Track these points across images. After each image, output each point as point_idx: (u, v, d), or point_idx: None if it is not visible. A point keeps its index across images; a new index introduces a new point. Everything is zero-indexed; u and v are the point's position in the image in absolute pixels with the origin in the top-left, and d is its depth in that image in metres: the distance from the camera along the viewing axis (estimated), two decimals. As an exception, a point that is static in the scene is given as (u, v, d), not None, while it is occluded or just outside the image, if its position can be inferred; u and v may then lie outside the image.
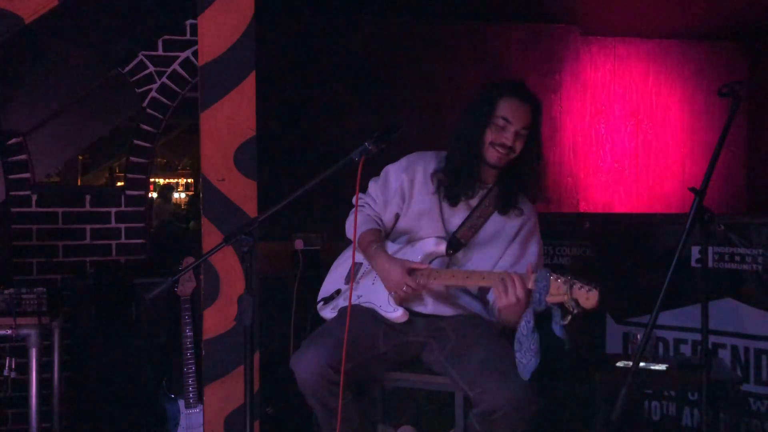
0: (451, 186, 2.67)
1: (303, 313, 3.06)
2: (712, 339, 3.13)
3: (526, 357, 2.32)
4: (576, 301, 2.21)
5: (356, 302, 2.72)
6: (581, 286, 2.21)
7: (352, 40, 4.82)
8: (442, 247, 2.65)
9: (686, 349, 3.26)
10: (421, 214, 2.71)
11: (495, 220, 2.68)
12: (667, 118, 5.60)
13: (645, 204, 5.54)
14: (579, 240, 3.50)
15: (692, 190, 2.05)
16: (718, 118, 5.54)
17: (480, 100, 2.65)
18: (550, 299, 2.26)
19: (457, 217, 2.69)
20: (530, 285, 2.33)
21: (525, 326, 2.33)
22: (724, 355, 3.14)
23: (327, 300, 2.81)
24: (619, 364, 2.83)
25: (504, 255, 2.67)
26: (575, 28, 5.27)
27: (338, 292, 2.82)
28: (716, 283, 3.12)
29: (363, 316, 2.66)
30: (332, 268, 2.96)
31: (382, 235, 2.81)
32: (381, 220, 2.83)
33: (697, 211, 2.02)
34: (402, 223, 2.77)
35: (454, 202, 2.68)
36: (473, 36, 5.09)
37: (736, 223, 3.13)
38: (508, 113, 2.59)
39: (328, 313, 2.80)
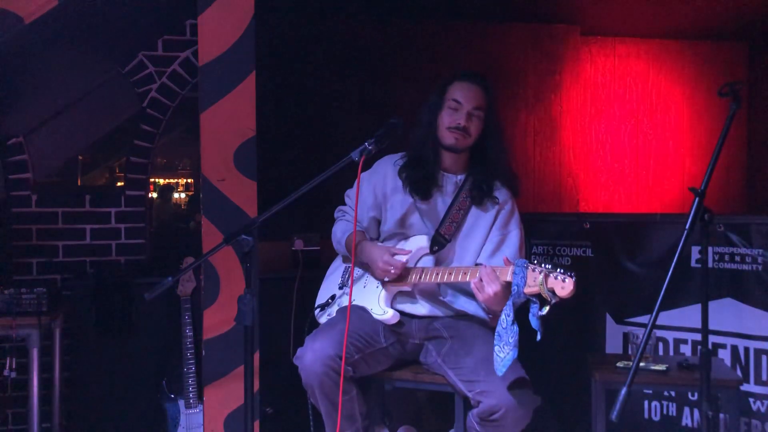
0: (413, 175, 2.71)
1: (303, 313, 3.06)
2: (712, 339, 3.12)
3: (504, 350, 2.32)
4: (552, 291, 2.22)
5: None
6: (557, 276, 2.22)
7: (353, 40, 4.82)
8: (426, 243, 2.67)
9: (686, 349, 3.26)
10: (402, 215, 2.74)
11: (474, 213, 2.71)
12: (667, 118, 5.60)
13: (645, 204, 5.54)
14: (579, 240, 3.50)
15: (692, 190, 2.05)
16: (718, 118, 5.54)
17: (434, 90, 2.74)
18: (528, 290, 2.27)
19: (436, 212, 2.72)
20: (508, 277, 2.34)
21: (505, 319, 2.34)
22: (724, 355, 3.14)
23: (323, 306, 2.84)
24: (619, 364, 2.83)
25: (485, 244, 2.70)
26: (575, 28, 5.26)
27: (333, 297, 2.84)
28: (716, 283, 3.12)
29: (361, 314, 2.68)
30: (325, 276, 3.00)
31: (367, 236, 2.84)
32: (362, 227, 2.87)
33: (697, 211, 2.02)
34: (386, 227, 2.79)
35: (425, 196, 2.71)
36: (473, 36, 5.09)
37: (736, 223, 3.13)
38: (459, 95, 2.67)
39: (324, 319, 2.82)
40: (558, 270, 2.23)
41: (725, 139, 2.08)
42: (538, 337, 2.26)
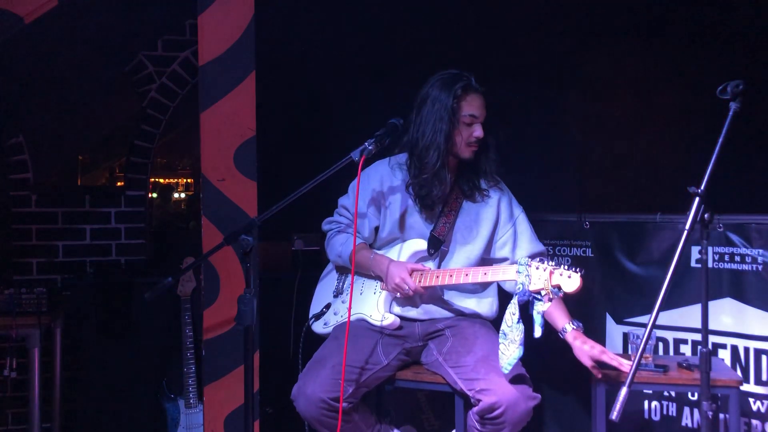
0: (429, 195, 2.67)
1: (303, 313, 3.06)
2: (712, 339, 3.12)
3: (509, 348, 2.33)
4: (558, 287, 2.26)
5: (346, 318, 2.71)
6: (561, 272, 2.25)
7: (353, 39, 4.81)
8: (424, 247, 2.66)
9: (686, 349, 3.25)
10: (400, 216, 2.73)
11: (468, 209, 2.71)
12: (666, 117, 5.60)
13: (645, 204, 5.53)
14: (579, 240, 3.50)
15: (692, 190, 2.05)
16: (717, 118, 5.53)
17: (440, 104, 2.62)
18: (533, 288, 2.29)
19: (431, 214, 2.72)
20: (513, 276, 2.37)
21: (510, 318, 2.34)
22: (724, 355, 3.14)
23: (318, 316, 2.83)
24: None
25: (500, 238, 2.71)
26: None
27: (328, 306, 2.84)
28: (716, 283, 3.11)
29: (357, 333, 2.64)
30: (319, 281, 3.01)
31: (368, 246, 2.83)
32: (363, 238, 2.85)
33: (697, 211, 2.02)
34: (384, 233, 2.78)
35: (430, 206, 2.70)
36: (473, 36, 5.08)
37: (736, 223, 3.13)
38: (474, 110, 2.63)
39: (320, 328, 2.82)
40: (562, 266, 2.26)
41: (725, 139, 2.08)
42: (539, 334, 2.27)
